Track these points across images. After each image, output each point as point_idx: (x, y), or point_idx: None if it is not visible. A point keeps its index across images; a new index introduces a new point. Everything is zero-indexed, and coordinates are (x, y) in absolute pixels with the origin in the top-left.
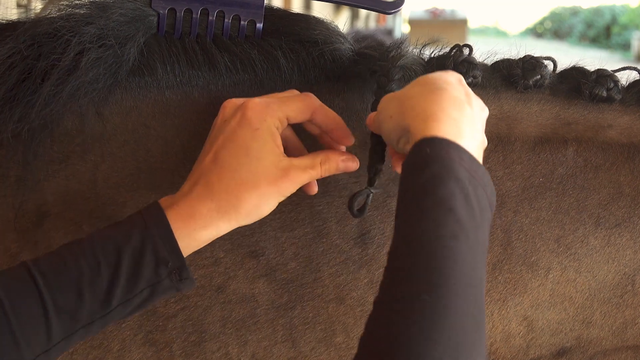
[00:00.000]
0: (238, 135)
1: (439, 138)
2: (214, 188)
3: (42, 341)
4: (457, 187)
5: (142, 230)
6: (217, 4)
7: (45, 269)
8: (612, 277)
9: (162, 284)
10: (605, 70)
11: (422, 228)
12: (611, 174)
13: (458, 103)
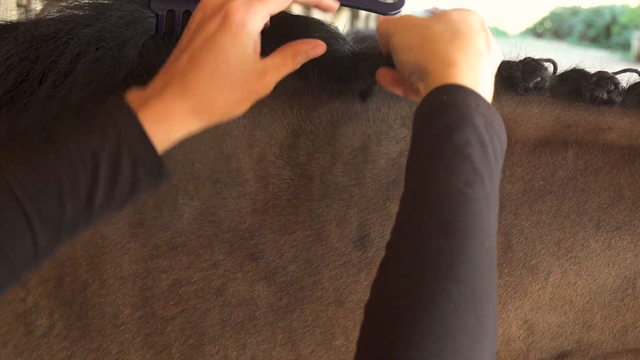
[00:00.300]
0: (218, 39)
1: (457, 85)
2: (189, 89)
3: (29, 250)
4: (474, 134)
5: (117, 136)
6: None
7: (24, 182)
8: (613, 280)
9: (141, 183)
10: (606, 73)
11: (438, 174)
12: (612, 176)
13: (478, 52)
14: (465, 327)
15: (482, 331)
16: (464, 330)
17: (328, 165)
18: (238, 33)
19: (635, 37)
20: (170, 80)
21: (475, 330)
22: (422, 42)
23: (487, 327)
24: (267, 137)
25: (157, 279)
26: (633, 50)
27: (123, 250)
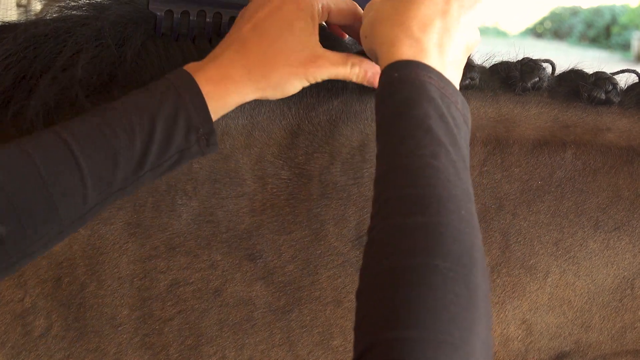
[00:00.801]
0: (284, 9)
1: (404, 61)
2: (249, 54)
3: (79, 206)
4: (431, 106)
5: (175, 98)
6: (214, 6)
7: (81, 137)
8: (612, 280)
9: (191, 150)
10: (604, 73)
11: (403, 150)
12: (610, 177)
13: (427, 19)
14: (457, 297)
15: (475, 298)
16: (456, 300)
17: (326, 165)
18: (304, 7)
19: (635, 38)
20: (230, 46)
21: (469, 298)
22: (371, 28)
23: (479, 293)
24: (265, 137)
25: (155, 279)
26: (633, 51)
27: (121, 251)
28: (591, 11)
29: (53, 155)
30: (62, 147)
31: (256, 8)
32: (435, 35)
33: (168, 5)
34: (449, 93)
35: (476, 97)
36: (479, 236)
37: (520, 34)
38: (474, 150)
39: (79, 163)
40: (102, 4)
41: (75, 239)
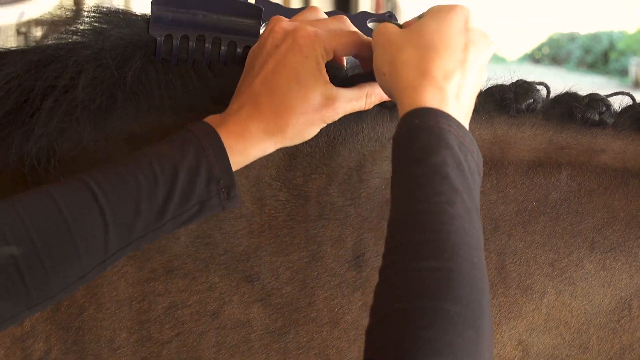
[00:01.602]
0: (289, 60)
1: (427, 108)
2: (263, 109)
3: (100, 252)
4: (449, 154)
5: (197, 148)
6: (213, 31)
7: (105, 184)
8: (609, 301)
9: (211, 201)
10: (597, 94)
11: (419, 196)
12: (605, 198)
13: (447, 70)
14: (466, 343)
15: (482, 344)
16: (465, 346)
17: (324, 186)
18: (309, 55)
19: (632, 63)
20: (246, 101)
21: (476, 344)
22: (392, 69)
23: (486, 340)
24: (263, 159)
25: (153, 302)
26: (631, 76)
27: (120, 274)
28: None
29: (77, 200)
30: (86, 194)
31: (265, 58)
32: (456, 85)
33: (168, 30)
34: (467, 142)
35: (471, 120)
36: (487, 283)
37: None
38: None
39: (102, 210)
40: (102, 27)
41: None
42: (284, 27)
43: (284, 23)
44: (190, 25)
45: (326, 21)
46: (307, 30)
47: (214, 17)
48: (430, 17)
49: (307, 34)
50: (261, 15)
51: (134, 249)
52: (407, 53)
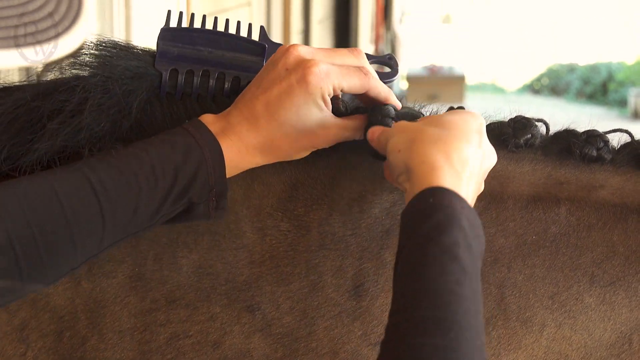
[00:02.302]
0: (294, 93)
1: (442, 188)
2: (260, 130)
3: (94, 247)
4: (461, 235)
5: (199, 158)
6: (218, 67)
7: (107, 182)
8: (609, 335)
9: (200, 207)
10: (595, 131)
11: (429, 274)
12: (604, 233)
13: (464, 158)
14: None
15: None
16: None
17: (325, 217)
18: (314, 92)
19: (631, 94)
20: (246, 119)
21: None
22: (411, 144)
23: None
24: (265, 190)
25: (155, 332)
26: (630, 107)
27: (122, 304)
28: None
29: (78, 196)
30: (88, 191)
31: (272, 81)
32: (469, 172)
33: (173, 65)
34: (476, 225)
35: None
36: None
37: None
38: None
39: (102, 210)
40: (108, 59)
41: (78, 293)
42: (300, 53)
43: (300, 49)
44: (196, 61)
45: (342, 55)
46: (319, 68)
47: (218, 53)
48: (447, 113)
49: (317, 72)
50: (265, 53)
51: (122, 242)
52: (430, 131)
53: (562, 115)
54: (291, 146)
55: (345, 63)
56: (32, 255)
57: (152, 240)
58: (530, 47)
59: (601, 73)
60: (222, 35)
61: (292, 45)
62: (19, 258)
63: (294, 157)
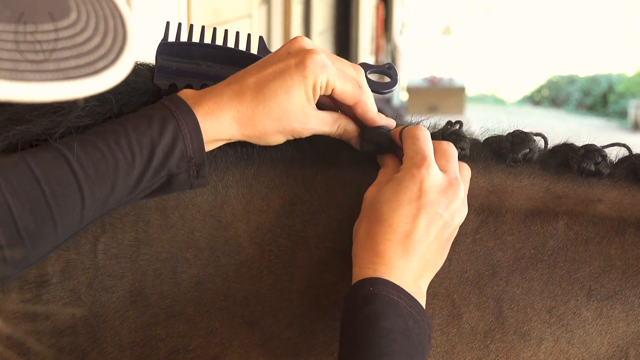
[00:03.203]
0: (289, 72)
1: (381, 279)
2: (244, 100)
3: (75, 224)
4: (398, 321)
5: (175, 129)
6: (216, 80)
7: (84, 160)
8: (606, 349)
9: (180, 177)
10: (593, 145)
11: (367, 356)
12: (602, 247)
13: (393, 244)
14: None
15: None
16: None
17: (324, 233)
18: (308, 76)
19: (631, 106)
20: (233, 88)
21: None
22: (354, 235)
23: None
24: (264, 205)
25: (154, 347)
26: (630, 118)
27: (122, 319)
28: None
29: (57, 176)
30: (65, 169)
31: (270, 61)
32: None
33: (172, 79)
34: (416, 311)
35: None
36: None
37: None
38: (467, 218)
39: (80, 186)
40: None
41: (78, 308)
42: (303, 42)
43: (305, 40)
44: (194, 75)
45: (344, 63)
46: (320, 56)
47: (217, 67)
48: (392, 180)
49: (317, 60)
50: None
51: (103, 217)
52: (361, 227)
53: (562, 127)
54: (270, 124)
55: (344, 70)
56: (12, 235)
57: (152, 255)
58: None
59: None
60: (221, 49)
61: (299, 36)
62: (2, 245)
63: (269, 139)
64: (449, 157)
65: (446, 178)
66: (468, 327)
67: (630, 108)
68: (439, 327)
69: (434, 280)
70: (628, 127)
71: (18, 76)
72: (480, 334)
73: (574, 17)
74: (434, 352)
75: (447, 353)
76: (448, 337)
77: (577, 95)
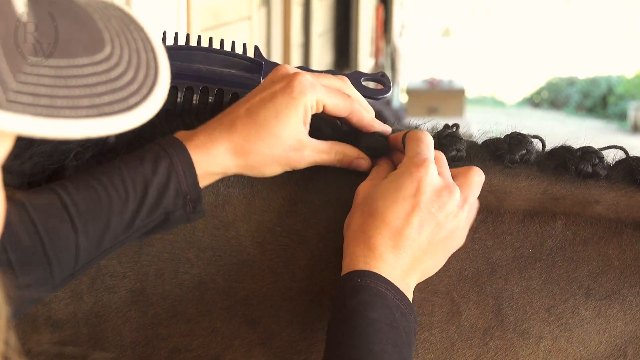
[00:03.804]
0: (277, 98)
1: (370, 272)
2: (235, 131)
3: (70, 264)
4: (385, 312)
5: (167, 166)
6: (216, 83)
7: (77, 198)
8: (604, 348)
9: (176, 213)
10: (591, 147)
11: (354, 344)
12: (600, 247)
13: (385, 238)
14: None
15: None
16: None
17: (324, 232)
18: (296, 98)
19: (631, 108)
20: (223, 122)
21: None
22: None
23: None
24: (265, 205)
25: (156, 347)
26: (629, 120)
27: (124, 319)
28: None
29: (51, 215)
30: (59, 207)
31: (257, 92)
32: (391, 250)
33: (172, 82)
34: (404, 304)
35: None
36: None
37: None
38: None
39: (75, 225)
40: None
41: (80, 308)
42: (286, 69)
43: (288, 67)
44: (194, 78)
45: (328, 78)
46: (305, 77)
47: (217, 71)
48: (390, 177)
49: (303, 80)
50: (262, 70)
51: (101, 259)
52: (354, 220)
53: (562, 129)
54: (263, 152)
55: (331, 85)
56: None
57: (154, 255)
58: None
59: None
60: (220, 52)
61: (280, 65)
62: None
63: (267, 169)
64: (443, 165)
65: (443, 181)
66: (467, 325)
67: (629, 110)
68: (438, 325)
69: (433, 277)
70: (627, 129)
71: (54, 113)
72: (479, 331)
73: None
74: (433, 348)
75: (446, 350)
76: (447, 334)
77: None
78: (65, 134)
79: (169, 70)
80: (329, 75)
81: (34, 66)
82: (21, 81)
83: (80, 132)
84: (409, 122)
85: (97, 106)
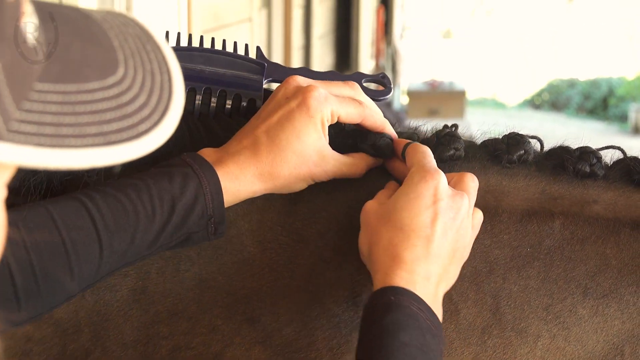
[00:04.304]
0: (295, 117)
1: (403, 289)
2: (260, 156)
3: (92, 275)
4: (416, 334)
5: (197, 187)
6: (219, 84)
7: (105, 211)
8: (601, 347)
9: (199, 234)
10: (589, 147)
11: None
12: (597, 246)
13: (416, 252)
14: None
15: None
16: None
17: (324, 231)
18: (314, 115)
19: (632, 109)
20: (246, 145)
21: None
22: (370, 251)
23: None
24: (266, 204)
25: (157, 345)
26: (630, 122)
27: (125, 317)
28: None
29: (76, 223)
30: (85, 218)
31: (274, 109)
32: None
33: None
34: (435, 326)
35: (464, 169)
36: None
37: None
38: None
39: (100, 237)
40: None
41: (82, 306)
42: (298, 82)
43: (299, 79)
44: (198, 79)
45: (339, 86)
46: (319, 92)
47: (219, 72)
48: (402, 189)
49: (317, 95)
50: (264, 71)
51: (120, 270)
52: (380, 236)
53: (563, 130)
54: (290, 173)
55: (342, 94)
56: (29, 282)
57: None
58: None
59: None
60: (223, 54)
61: (291, 76)
62: (16, 283)
63: (293, 187)
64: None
65: (452, 188)
66: (466, 323)
67: (630, 112)
68: None
69: None
70: (628, 131)
71: (59, 142)
72: (477, 329)
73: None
74: None
75: (445, 348)
76: (446, 332)
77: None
78: (68, 164)
79: (183, 93)
80: (339, 83)
81: (40, 92)
82: (26, 109)
83: (84, 162)
84: (409, 123)
85: (105, 134)
